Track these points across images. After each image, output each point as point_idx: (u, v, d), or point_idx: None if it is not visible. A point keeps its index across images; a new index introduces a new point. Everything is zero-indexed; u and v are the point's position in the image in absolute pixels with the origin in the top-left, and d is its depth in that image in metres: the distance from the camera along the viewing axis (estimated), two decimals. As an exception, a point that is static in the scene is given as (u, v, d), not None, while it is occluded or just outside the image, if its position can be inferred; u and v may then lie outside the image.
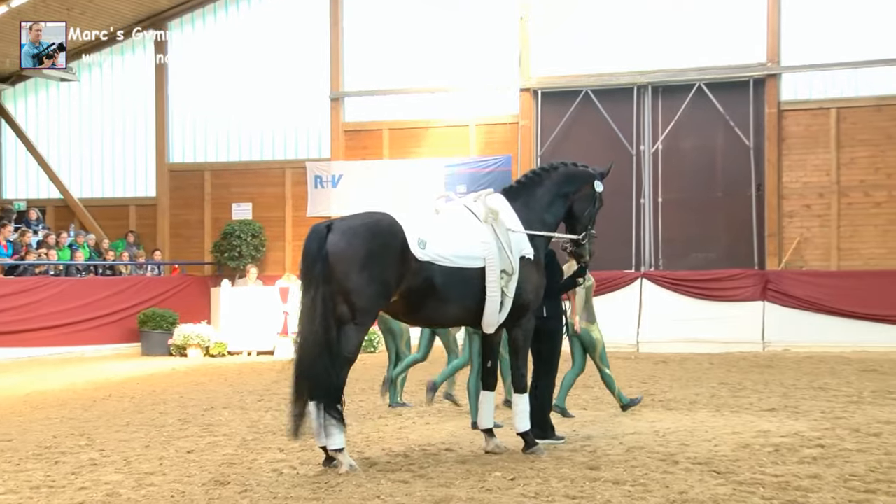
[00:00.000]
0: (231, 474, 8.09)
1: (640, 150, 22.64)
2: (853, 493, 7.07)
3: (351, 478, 7.83)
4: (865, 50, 21.51)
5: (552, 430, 9.59)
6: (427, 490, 7.33)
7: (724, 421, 10.65)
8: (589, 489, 7.31)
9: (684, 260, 22.10)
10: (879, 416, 10.76)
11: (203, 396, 13.68)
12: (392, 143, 24.26)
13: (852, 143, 21.56)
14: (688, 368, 16.91)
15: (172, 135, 25.76)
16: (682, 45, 22.55)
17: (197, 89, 25.51)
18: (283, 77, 24.93)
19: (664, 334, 20.78)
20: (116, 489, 7.66)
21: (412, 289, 8.29)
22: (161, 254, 24.79)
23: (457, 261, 8.51)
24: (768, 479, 7.53)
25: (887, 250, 21.25)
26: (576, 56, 23.16)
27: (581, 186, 9.48)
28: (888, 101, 21.38)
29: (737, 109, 22.12)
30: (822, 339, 20.12)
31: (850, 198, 21.54)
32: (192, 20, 25.57)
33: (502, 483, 7.57)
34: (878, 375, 15.46)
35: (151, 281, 23.39)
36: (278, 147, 25.19)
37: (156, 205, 25.70)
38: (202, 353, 20.86)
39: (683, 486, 7.32)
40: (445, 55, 23.91)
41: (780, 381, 14.73)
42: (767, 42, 21.94)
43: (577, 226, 9.51)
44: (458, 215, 9.07)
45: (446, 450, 9.13)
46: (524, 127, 23.23)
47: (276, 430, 10.36)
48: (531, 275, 8.98)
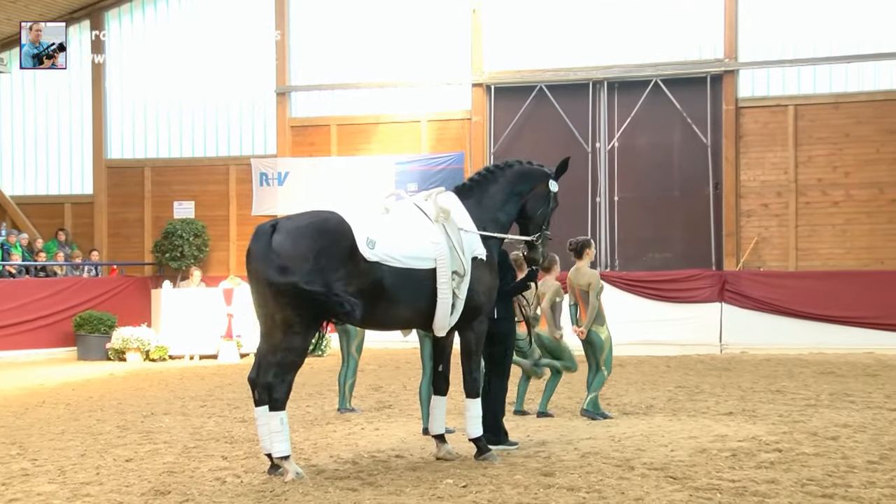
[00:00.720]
0: (172, 483, 8.00)
1: (596, 147, 22.78)
2: (810, 498, 7.16)
3: (297, 486, 7.79)
4: (823, 46, 21.88)
5: (505, 435, 9.61)
6: (376, 498, 7.31)
7: (680, 425, 10.73)
8: (543, 496, 7.32)
9: (641, 260, 22.28)
10: (837, 420, 10.91)
11: (143, 402, 13.54)
12: (340, 140, 24.19)
13: (810, 140, 21.88)
14: (644, 371, 17.05)
15: (111, 130, 25.47)
16: (639, 40, 22.76)
17: (137, 83, 25.25)
18: (228, 71, 24.77)
19: (620, 337, 20.50)
20: (50, 500, 7.55)
21: (361, 290, 8.24)
22: (99, 254, 24.48)
23: (407, 261, 8.46)
24: (725, 485, 7.60)
25: (845, 250, 21.60)
26: (530, 50, 23.27)
27: (535, 185, 9.46)
28: (846, 99, 21.74)
29: (694, 106, 22.34)
30: (779, 340, 20.37)
31: (808, 197, 21.86)
32: (130, 10, 25.30)
33: (454, 490, 7.57)
34: (836, 378, 15.69)
35: (88, 282, 23.09)
36: (222, 143, 25.02)
37: (93, 203, 25.39)
38: (142, 357, 20.63)
39: (639, 493, 7.37)
40: (396, 49, 23.89)
41: (738, 383, 14.89)
42: (725, 37, 22.20)
43: (529, 226, 9.49)
44: (408, 214, 9.00)
45: (396, 456, 9.12)
46: (476, 123, 23.28)
47: (219, 437, 10.28)
48: (484, 276, 8.96)
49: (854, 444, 9.32)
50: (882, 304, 20.40)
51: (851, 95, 21.74)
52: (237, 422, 11.49)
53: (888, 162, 21.49)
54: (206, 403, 13.26)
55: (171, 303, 21.41)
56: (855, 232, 21.59)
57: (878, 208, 21.51)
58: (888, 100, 21.50)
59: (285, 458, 8.10)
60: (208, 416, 11.98)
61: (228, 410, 12.48)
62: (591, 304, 11.42)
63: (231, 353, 20.72)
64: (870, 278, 20.93)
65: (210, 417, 11.90)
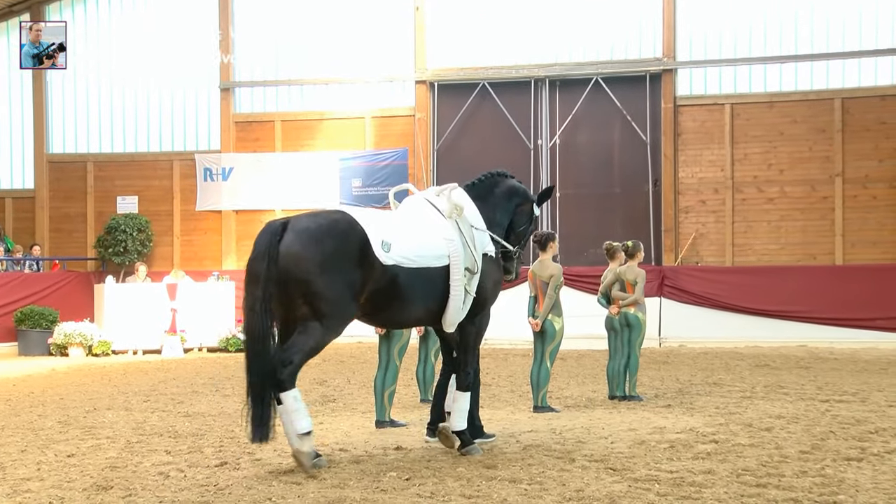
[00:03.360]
0: (114, 478, 7.90)
1: (538, 144, 22.88)
2: (745, 488, 7.26)
3: (241, 480, 7.74)
4: (759, 46, 22.21)
5: (480, 428, 9.54)
6: (320, 491, 7.28)
7: (620, 418, 10.83)
8: (485, 488, 7.35)
9: (582, 256, 22.41)
10: (771, 411, 11.09)
11: (85, 397, 13.36)
12: (285, 136, 24.06)
13: (746, 138, 22.19)
14: (585, 365, 17.17)
15: (52, 124, 25.08)
16: (580, 39, 22.92)
17: (79, 76, 24.88)
18: (172, 66, 24.51)
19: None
20: (-10, 497, 7.42)
21: (377, 290, 8.15)
22: (40, 249, 24.11)
23: (422, 261, 8.37)
24: (663, 476, 7.69)
25: (779, 246, 21.95)
26: (473, 48, 23.32)
27: (523, 202, 9.51)
28: (780, 98, 22.07)
29: (633, 104, 22.55)
30: (716, 334, 20.73)
31: (744, 193, 22.16)
32: (72, 4, 24.92)
33: (397, 483, 7.57)
34: (771, 370, 15.95)
35: (29, 277, 22.72)
36: (166, 138, 24.75)
37: (34, 197, 24.99)
38: (85, 352, 20.38)
39: (580, 484, 7.42)
40: (340, 45, 23.80)
41: (676, 376, 15.07)
42: (663, 37, 22.42)
43: (511, 238, 9.45)
44: (419, 211, 8.89)
45: (340, 450, 9.09)
46: (420, 120, 23.28)
47: (162, 432, 10.18)
48: (492, 271, 9.00)
49: (787, 435, 9.47)
50: (814, 299, 20.80)
51: (786, 95, 22.08)
52: (181, 416, 11.38)
53: (820, 160, 21.86)
54: (149, 398, 13.12)
55: (114, 298, 21.16)
56: (789, 228, 21.94)
57: (810, 205, 21.87)
58: (821, 99, 21.86)
59: (307, 434, 7.94)
60: (151, 411, 11.86)
61: (172, 405, 12.36)
62: (549, 296, 11.55)
63: (175, 347, 20.54)
64: (803, 273, 21.31)
65: (153, 412, 11.77)
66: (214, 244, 24.21)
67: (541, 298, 11.75)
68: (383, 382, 10.40)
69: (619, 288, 12.72)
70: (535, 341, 11.80)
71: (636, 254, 12.81)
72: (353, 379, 15.14)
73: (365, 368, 16.42)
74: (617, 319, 12.72)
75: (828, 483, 7.38)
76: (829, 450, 8.70)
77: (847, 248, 21.59)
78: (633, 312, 12.59)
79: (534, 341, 11.86)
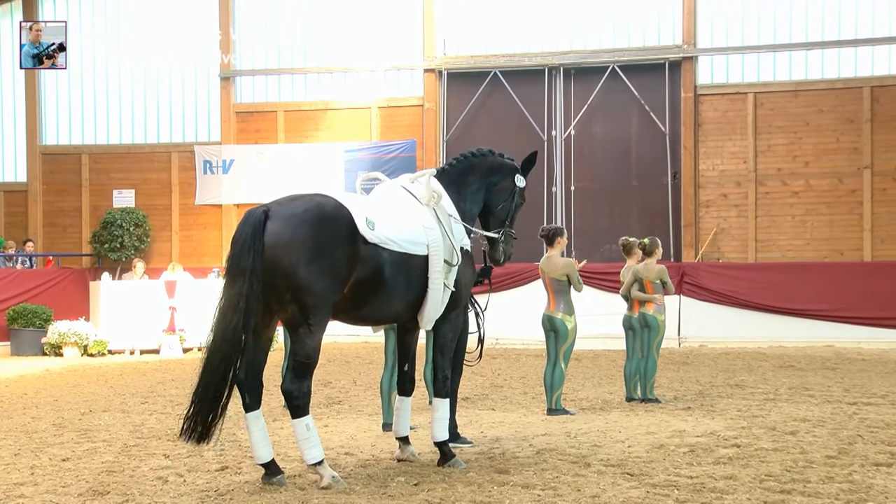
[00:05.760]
0: (111, 483, 7.93)
1: (552, 135, 22.87)
2: (768, 494, 7.25)
3: (242, 485, 7.76)
4: (783, 32, 22.15)
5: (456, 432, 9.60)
6: (325, 497, 7.29)
7: (637, 421, 10.82)
8: (497, 494, 7.35)
9: (597, 252, 22.38)
10: (795, 414, 11.06)
11: (80, 399, 13.40)
12: (288, 126, 24.09)
13: (769, 129, 22.13)
14: (601, 366, 17.17)
15: (45, 115, 25.15)
16: (596, 25, 22.90)
17: (74, 66, 24.90)
18: (170, 53, 24.55)
19: (577, 330, 20.94)
20: (-18, 502, 7.45)
21: (361, 279, 7.92)
22: (33, 244, 24.17)
23: (405, 245, 8.13)
24: (683, 481, 7.68)
25: (804, 242, 21.89)
26: (484, 35, 23.31)
27: (503, 179, 9.28)
28: (805, 87, 22.00)
29: (652, 93, 22.51)
30: (738, 334, 20.67)
31: (768, 187, 22.11)
32: (67, -10, 25.00)
33: (405, 488, 7.57)
34: (795, 371, 15.92)
35: (22, 274, 22.77)
36: (164, 130, 24.80)
37: (27, 191, 25.08)
38: (80, 352, 20.43)
39: (595, 490, 7.42)
40: (346, 33, 23.82)
41: (696, 378, 15.05)
42: (683, 23, 22.37)
43: (490, 220, 9.28)
44: (396, 196, 8.68)
45: (346, 454, 9.10)
46: (429, 110, 23.28)
47: (160, 435, 10.20)
48: (467, 267, 8.79)
49: (813, 439, 9.45)
50: (842, 297, 20.72)
51: (812, 83, 22.01)
52: (179, 419, 11.36)
53: (848, 151, 21.80)
54: (147, 400, 13.15)
55: (110, 295, 21.21)
56: (814, 223, 21.89)
57: (837, 199, 21.81)
58: (848, 88, 21.80)
59: (319, 464, 7.78)
60: (149, 413, 11.89)
61: (171, 407, 12.38)
62: (576, 287, 11.70)
63: (174, 347, 20.59)
64: (829, 270, 21.24)
65: (151, 414, 11.80)
66: (214, 239, 24.25)
67: (550, 295, 11.77)
68: (390, 384, 10.38)
69: (638, 287, 12.69)
70: (548, 342, 11.81)
71: (654, 251, 12.75)
72: (359, 380, 15.16)
73: (371, 369, 16.45)
74: (636, 319, 12.71)
75: (855, 489, 7.36)
76: (856, 454, 8.68)
77: (876, 244, 21.52)
78: (651, 313, 12.59)
79: (546, 342, 11.87)
